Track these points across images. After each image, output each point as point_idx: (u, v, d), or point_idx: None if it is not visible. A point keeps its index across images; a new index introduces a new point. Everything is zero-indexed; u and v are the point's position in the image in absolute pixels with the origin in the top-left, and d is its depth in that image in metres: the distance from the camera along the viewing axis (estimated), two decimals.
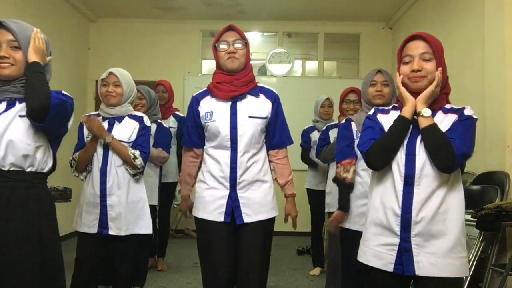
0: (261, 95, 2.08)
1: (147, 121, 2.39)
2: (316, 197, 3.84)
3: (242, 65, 2.04)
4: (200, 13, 5.52)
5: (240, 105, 2.03)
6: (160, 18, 5.71)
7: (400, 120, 1.58)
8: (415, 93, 1.60)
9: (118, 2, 5.25)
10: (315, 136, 3.79)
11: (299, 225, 4.84)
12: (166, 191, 3.93)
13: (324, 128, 3.44)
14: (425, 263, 1.51)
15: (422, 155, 1.55)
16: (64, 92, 1.70)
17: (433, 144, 1.52)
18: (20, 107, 1.61)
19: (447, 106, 1.62)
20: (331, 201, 3.10)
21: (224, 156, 2.00)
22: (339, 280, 3.07)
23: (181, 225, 5.64)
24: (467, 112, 1.57)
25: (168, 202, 4.02)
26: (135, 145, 2.31)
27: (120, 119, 2.33)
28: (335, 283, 3.12)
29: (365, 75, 2.43)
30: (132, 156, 2.25)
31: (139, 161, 2.26)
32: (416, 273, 1.51)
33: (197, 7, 5.34)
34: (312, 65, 6.13)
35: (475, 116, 1.57)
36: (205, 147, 2.10)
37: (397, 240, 1.55)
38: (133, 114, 2.38)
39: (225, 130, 1.99)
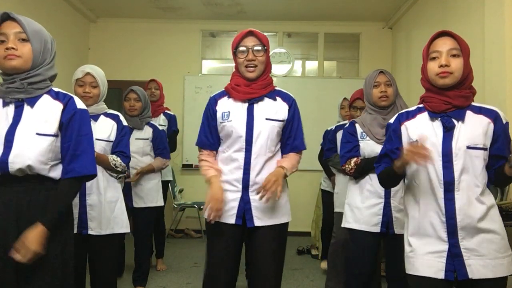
0: (278, 98, 2.05)
1: (123, 120, 2.38)
2: (328, 198, 3.83)
3: (262, 72, 2.01)
4: (200, 13, 5.52)
5: (257, 107, 2.00)
6: (160, 18, 5.71)
7: (392, 171, 1.66)
8: (442, 90, 1.60)
9: (118, 2, 5.25)
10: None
11: (300, 225, 4.83)
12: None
13: (333, 128, 3.35)
14: (477, 266, 1.52)
15: (460, 160, 1.55)
16: (80, 107, 1.66)
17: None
18: (31, 117, 1.58)
19: (476, 105, 1.65)
20: (339, 201, 3.10)
21: (238, 157, 1.97)
22: (341, 276, 3.08)
23: (181, 225, 5.64)
24: (504, 118, 1.61)
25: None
26: (116, 150, 2.31)
27: (95, 117, 2.31)
28: (335, 280, 3.12)
29: (365, 75, 2.42)
30: (113, 164, 2.27)
31: (120, 168, 2.30)
32: (470, 276, 1.51)
33: (197, 7, 5.33)
34: (312, 65, 6.12)
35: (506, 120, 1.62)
36: (219, 148, 2.06)
37: (445, 247, 1.55)
38: (108, 112, 2.37)
39: (241, 131, 1.97)
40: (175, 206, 5.28)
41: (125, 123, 2.39)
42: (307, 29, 5.92)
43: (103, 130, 2.29)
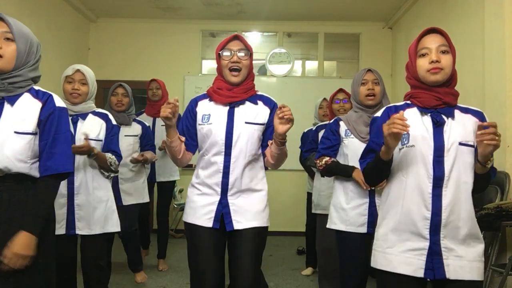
0: (260, 102, 2.05)
1: (113, 119, 2.38)
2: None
3: (245, 78, 2.01)
4: (200, 13, 5.52)
5: (237, 110, 2.00)
6: (160, 18, 5.71)
7: (378, 160, 1.60)
8: (432, 87, 1.59)
9: (118, 2, 5.24)
10: None
11: (299, 225, 4.78)
12: (163, 190, 3.92)
13: (314, 128, 3.34)
14: (455, 266, 1.51)
15: (451, 155, 1.54)
16: (58, 105, 1.65)
17: (488, 184, 1.60)
18: (11, 115, 1.58)
19: (462, 106, 1.64)
20: (317, 202, 3.09)
21: (218, 161, 1.96)
22: (331, 280, 3.06)
23: (181, 225, 5.64)
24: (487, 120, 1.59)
25: (165, 202, 4.01)
26: (108, 149, 2.31)
27: (84, 116, 2.30)
28: (328, 284, 3.11)
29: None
30: (109, 162, 2.27)
31: (114, 167, 2.30)
32: (447, 276, 1.50)
33: (197, 7, 5.33)
34: (312, 65, 6.13)
35: None
36: (200, 152, 2.06)
37: (426, 244, 1.53)
38: (96, 111, 2.36)
39: (220, 135, 1.96)
40: (175, 206, 5.29)
41: (114, 122, 2.39)
42: (307, 29, 5.92)
43: (92, 129, 2.29)
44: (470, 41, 3.47)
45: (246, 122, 1.99)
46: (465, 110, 1.63)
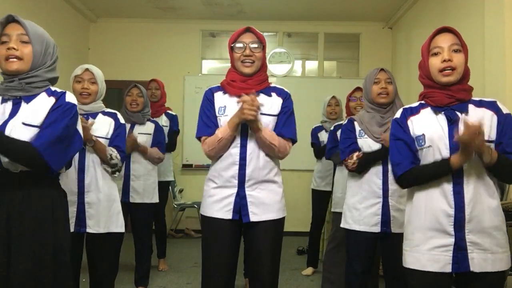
0: (273, 94, 2.06)
1: (121, 118, 2.39)
2: (319, 198, 3.82)
3: (258, 69, 2.02)
4: (200, 13, 5.52)
5: None
6: (160, 18, 5.71)
7: (444, 166, 1.55)
8: (444, 86, 1.60)
9: (118, 2, 5.25)
10: (322, 136, 3.76)
11: (299, 225, 4.77)
12: (161, 190, 3.92)
13: (332, 128, 3.33)
14: (479, 260, 1.53)
15: None
16: (68, 100, 1.66)
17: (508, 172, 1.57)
18: (25, 111, 1.60)
19: (475, 99, 1.65)
20: (337, 201, 3.08)
21: (234, 153, 1.97)
22: (334, 278, 3.06)
23: (181, 225, 5.65)
24: (504, 109, 1.62)
25: (162, 201, 4.01)
26: (112, 145, 2.31)
27: (93, 115, 2.31)
28: (330, 282, 3.11)
29: (365, 75, 2.41)
30: (109, 153, 2.25)
31: (114, 162, 2.27)
32: (471, 269, 1.53)
33: (197, 7, 5.34)
34: (312, 65, 6.13)
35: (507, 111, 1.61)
36: None
37: (451, 240, 1.55)
38: (106, 111, 2.38)
39: None
40: (175, 206, 5.28)
41: (122, 121, 2.40)
42: (307, 29, 5.92)
43: (102, 128, 2.30)
44: (470, 41, 3.43)
45: (262, 113, 1.99)
46: (479, 104, 1.64)
